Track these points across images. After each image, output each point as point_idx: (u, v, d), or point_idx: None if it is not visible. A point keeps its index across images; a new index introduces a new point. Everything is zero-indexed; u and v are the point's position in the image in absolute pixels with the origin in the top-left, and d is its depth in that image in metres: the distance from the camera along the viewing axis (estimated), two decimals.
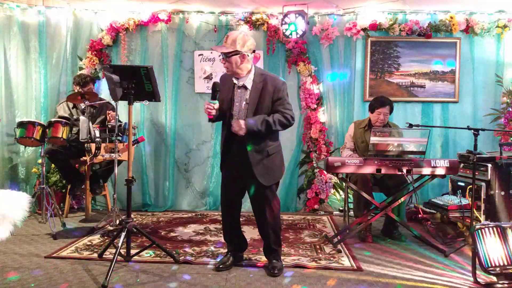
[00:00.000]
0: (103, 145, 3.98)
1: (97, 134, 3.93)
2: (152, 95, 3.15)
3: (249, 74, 2.91)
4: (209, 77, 5.07)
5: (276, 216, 3.00)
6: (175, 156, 5.13)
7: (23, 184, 4.93)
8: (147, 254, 3.29)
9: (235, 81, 2.93)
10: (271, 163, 2.93)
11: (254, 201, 3.01)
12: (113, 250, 3.07)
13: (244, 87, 2.92)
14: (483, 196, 3.74)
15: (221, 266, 3.01)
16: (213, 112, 2.87)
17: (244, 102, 2.90)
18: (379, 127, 3.92)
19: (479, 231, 2.76)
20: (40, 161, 4.12)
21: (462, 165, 4.00)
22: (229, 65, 2.87)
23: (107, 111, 4.29)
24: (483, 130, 3.53)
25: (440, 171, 3.47)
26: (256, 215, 3.06)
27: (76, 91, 4.34)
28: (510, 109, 4.81)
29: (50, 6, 4.98)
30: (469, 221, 3.56)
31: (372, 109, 4.02)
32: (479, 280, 2.80)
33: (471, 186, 3.53)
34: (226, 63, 2.87)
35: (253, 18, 4.99)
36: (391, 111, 4.02)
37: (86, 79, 4.45)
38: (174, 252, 3.29)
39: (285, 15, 4.70)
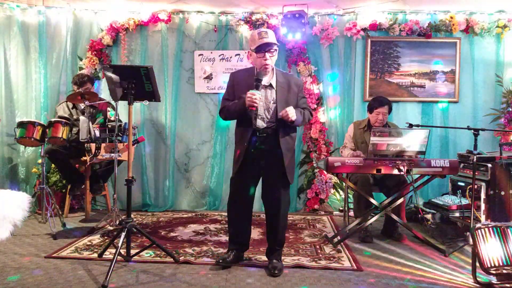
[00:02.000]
0: (103, 145, 3.98)
1: (97, 134, 3.93)
2: (152, 95, 3.15)
3: (273, 73, 2.95)
4: (209, 77, 5.07)
5: (287, 215, 3.11)
6: (175, 156, 5.13)
7: (23, 184, 4.92)
8: (147, 254, 3.29)
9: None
10: (294, 161, 3.07)
11: (273, 198, 3.00)
12: (113, 250, 3.08)
13: (270, 86, 2.93)
14: (483, 196, 3.74)
15: (220, 261, 3.02)
16: (258, 103, 2.79)
17: (272, 102, 2.92)
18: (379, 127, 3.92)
19: (479, 231, 2.76)
20: (40, 161, 4.12)
21: (462, 165, 3.99)
22: (273, 60, 2.89)
23: (107, 110, 4.30)
24: (483, 130, 3.53)
25: (440, 171, 3.47)
26: (270, 213, 3.05)
27: (76, 91, 4.34)
28: (510, 109, 4.81)
29: (50, 6, 4.98)
30: (469, 221, 3.56)
31: (370, 109, 4.03)
32: (479, 280, 2.80)
33: (471, 186, 3.53)
34: (270, 59, 2.86)
35: (253, 18, 4.99)
36: (389, 111, 4.03)
37: (84, 78, 4.46)
38: (174, 252, 3.29)
39: (285, 15, 4.70)
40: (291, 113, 2.82)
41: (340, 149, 4.27)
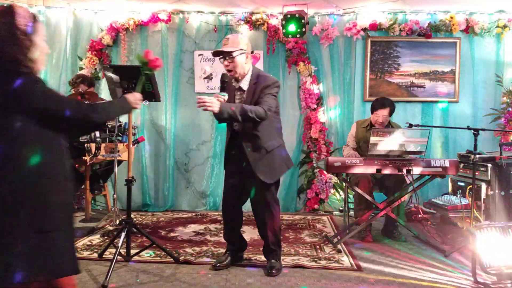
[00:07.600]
0: (103, 145, 3.98)
1: (97, 134, 3.93)
2: (152, 95, 3.15)
3: (246, 76, 2.89)
4: (209, 77, 5.07)
5: (275, 218, 2.98)
6: (175, 156, 5.13)
7: None
8: (147, 254, 3.29)
9: (234, 83, 2.91)
10: (271, 160, 2.90)
11: (254, 202, 2.99)
12: (113, 250, 3.07)
13: (241, 89, 2.90)
14: (483, 196, 3.74)
15: (218, 265, 3.01)
16: (211, 105, 2.69)
17: None
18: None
19: (479, 231, 2.76)
20: None
21: (462, 165, 3.99)
22: (234, 66, 2.80)
23: None
24: (483, 130, 3.52)
25: (440, 171, 3.47)
26: (256, 216, 3.05)
27: (74, 91, 4.34)
28: (510, 109, 4.81)
29: (50, 6, 4.98)
30: (469, 221, 3.56)
31: (371, 110, 4.03)
32: (479, 280, 2.80)
33: (471, 186, 3.53)
34: (231, 65, 2.80)
35: (253, 18, 4.99)
36: (391, 113, 4.00)
37: (77, 79, 4.44)
38: (174, 252, 3.29)
39: (285, 15, 4.70)
40: (210, 101, 2.61)
41: (343, 147, 4.24)
